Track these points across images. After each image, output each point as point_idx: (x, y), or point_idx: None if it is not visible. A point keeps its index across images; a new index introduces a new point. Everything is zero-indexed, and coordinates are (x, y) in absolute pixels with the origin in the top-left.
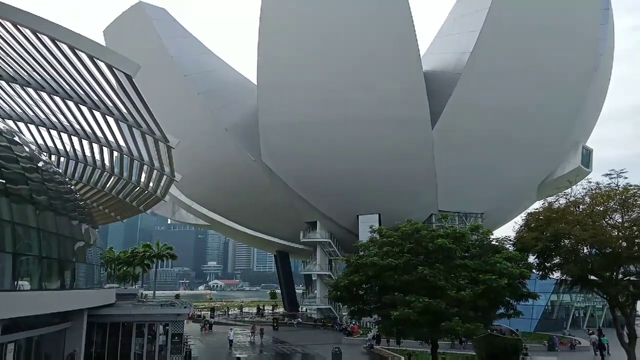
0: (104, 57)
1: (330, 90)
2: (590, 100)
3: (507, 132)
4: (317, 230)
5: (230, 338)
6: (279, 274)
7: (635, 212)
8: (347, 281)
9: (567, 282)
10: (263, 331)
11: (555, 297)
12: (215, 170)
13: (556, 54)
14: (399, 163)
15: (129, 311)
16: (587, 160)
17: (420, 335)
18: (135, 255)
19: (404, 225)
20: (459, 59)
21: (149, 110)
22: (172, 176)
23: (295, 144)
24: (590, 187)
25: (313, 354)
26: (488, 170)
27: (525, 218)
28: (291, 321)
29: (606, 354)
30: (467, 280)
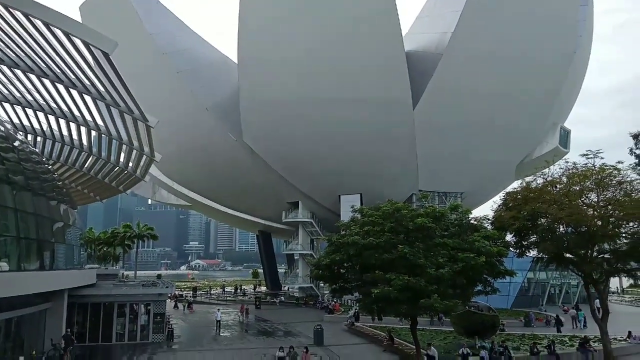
0: (79, 34)
1: (311, 70)
2: (569, 82)
3: (487, 114)
4: (299, 210)
5: (218, 318)
6: (261, 253)
7: (610, 191)
8: (328, 260)
9: (543, 260)
10: (248, 310)
11: (531, 274)
12: (196, 151)
13: (536, 36)
14: (380, 143)
15: (110, 291)
16: (565, 141)
17: (400, 312)
18: (116, 236)
19: (385, 205)
20: (441, 40)
21: (127, 88)
22: (151, 156)
23: (277, 124)
24: (567, 167)
25: (295, 332)
26: (468, 151)
27: (503, 197)
28: (273, 300)
29: (582, 326)
30: (446, 259)
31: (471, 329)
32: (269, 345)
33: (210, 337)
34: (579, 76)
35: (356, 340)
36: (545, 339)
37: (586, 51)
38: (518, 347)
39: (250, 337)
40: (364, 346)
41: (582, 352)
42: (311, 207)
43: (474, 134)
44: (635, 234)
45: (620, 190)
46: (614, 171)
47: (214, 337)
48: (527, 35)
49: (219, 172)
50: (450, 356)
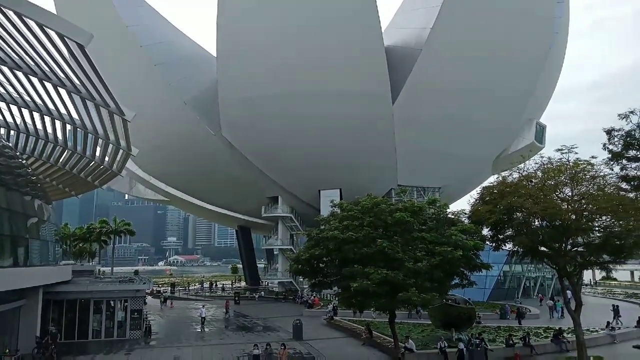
0: (54, 25)
1: (291, 64)
2: (545, 78)
3: (465, 109)
4: (278, 205)
5: (203, 315)
6: (240, 248)
7: (584, 185)
8: (308, 255)
9: (519, 253)
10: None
11: (507, 267)
12: (174, 145)
13: (513, 32)
14: (359, 138)
15: (86, 288)
16: (541, 136)
17: (379, 306)
18: (92, 232)
19: (364, 199)
20: (420, 35)
21: (102, 81)
22: (128, 150)
23: (256, 117)
24: (543, 162)
25: (274, 327)
26: (446, 146)
27: (480, 192)
28: (252, 295)
29: (559, 316)
30: (423, 252)
31: (448, 322)
32: (248, 340)
33: (188, 333)
34: (554, 72)
35: (335, 334)
36: (520, 331)
37: (562, 47)
38: (494, 339)
39: (229, 333)
40: (343, 340)
41: (555, 343)
42: (291, 202)
43: (452, 129)
44: (608, 227)
45: (593, 185)
46: (588, 166)
47: (199, 334)
48: (504, 31)
49: (197, 166)
50: (428, 349)
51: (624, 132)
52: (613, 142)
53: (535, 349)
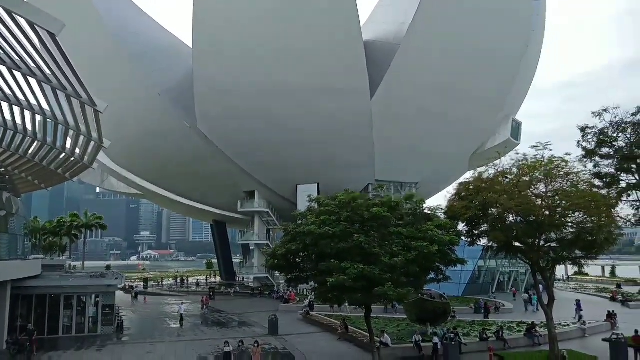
0: (24, 13)
1: (268, 57)
2: (521, 75)
3: (442, 105)
4: (255, 200)
5: (182, 312)
6: (215, 243)
7: (558, 182)
8: (284, 250)
9: (493, 249)
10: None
11: (482, 262)
12: (148, 137)
13: (491, 29)
14: (337, 133)
15: (56, 282)
16: (516, 133)
17: (355, 301)
18: (62, 225)
19: (342, 194)
20: (399, 30)
21: (74, 71)
22: (100, 142)
23: (233, 111)
24: (518, 158)
25: (250, 322)
26: (423, 142)
27: (456, 188)
28: (228, 290)
29: (535, 309)
30: (400, 247)
31: (424, 316)
32: (223, 336)
33: (162, 329)
34: (530, 70)
35: (311, 329)
36: (494, 325)
37: (538, 45)
38: (468, 333)
39: (204, 328)
40: (318, 335)
41: (528, 337)
42: (268, 197)
43: (430, 125)
44: (581, 223)
45: (567, 182)
46: (562, 163)
47: (173, 330)
48: (481, 28)
49: (172, 160)
50: (403, 343)
51: (598, 129)
52: (587, 139)
53: (509, 343)
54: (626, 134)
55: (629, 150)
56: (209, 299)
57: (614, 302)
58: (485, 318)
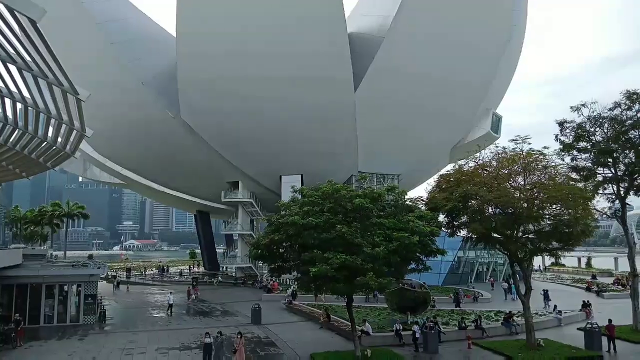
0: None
1: (252, 47)
2: (502, 69)
3: (425, 98)
4: (239, 190)
5: (170, 302)
6: (199, 233)
7: (536, 175)
8: (268, 240)
9: (473, 240)
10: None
11: (461, 253)
12: (131, 127)
13: (474, 23)
14: (321, 124)
15: (37, 272)
16: (497, 126)
17: (337, 290)
18: (44, 214)
19: (325, 185)
20: (383, 23)
21: (55, 59)
22: (82, 131)
23: (217, 101)
24: (497, 151)
25: (233, 311)
26: (406, 134)
27: (437, 180)
28: (211, 280)
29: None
30: (381, 238)
31: (404, 306)
32: (206, 325)
33: (144, 318)
34: (511, 64)
35: (294, 318)
36: (472, 314)
37: (519, 40)
38: (447, 322)
39: (187, 318)
40: (301, 324)
41: (506, 326)
42: (251, 187)
43: (412, 118)
44: (558, 215)
45: (545, 175)
46: (540, 156)
47: (156, 319)
48: (463, 22)
49: (155, 149)
50: (384, 331)
51: (576, 124)
52: (565, 133)
53: (487, 331)
54: (603, 129)
55: (605, 144)
56: (197, 289)
57: (589, 293)
58: (456, 307)
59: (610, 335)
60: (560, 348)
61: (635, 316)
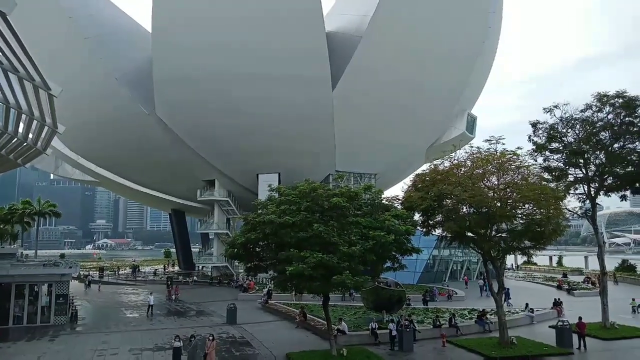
0: None
1: (229, 44)
2: (477, 70)
3: (401, 98)
4: (215, 189)
5: (151, 303)
6: (174, 232)
7: (510, 175)
8: (244, 239)
9: (447, 238)
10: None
11: (436, 251)
12: (105, 123)
13: (450, 25)
14: (299, 123)
15: (7, 271)
16: (471, 127)
17: (313, 289)
18: (14, 213)
19: (302, 184)
20: (361, 22)
21: (27, 53)
22: (54, 127)
23: (193, 98)
24: (472, 151)
25: (208, 311)
26: (382, 134)
27: (413, 179)
28: (186, 280)
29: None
30: (358, 237)
31: (380, 304)
32: (180, 325)
33: (117, 319)
34: (486, 65)
35: (270, 317)
36: (447, 313)
37: (494, 42)
38: (422, 320)
39: (161, 318)
40: (277, 323)
41: (479, 324)
42: (228, 186)
43: (389, 117)
44: (530, 215)
45: (518, 175)
46: (513, 156)
47: (130, 320)
48: (440, 23)
49: (129, 147)
50: (360, 330)
51: (548, 125)
52: (537, 134)
53: (460, 329)
54: (575, 130)
55: (577, 145)
56: (178, 289)
57: (560, 291)
58: (424, 305)
59: (580, 333)
60: (533, 345)
61: (604, 313)
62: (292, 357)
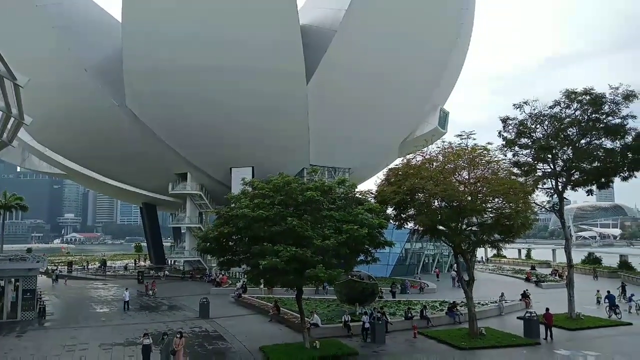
0: None
1: (202, 36)
2: (449, 67)
3: (375, 93)
4: (187, 182)
5: (126, 299)
6: (145, 226)
7: (480, 169)
8: (217, 233)
9: (419, 232)
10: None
11: (408, 245)
12: (74, 115)
13: (423, 21)
14: (273, 117)
15: None
16: (443, 122)
17: (287, 283)
18: None
19: (276, 178)
20: (335, 16)
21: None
22: (20, 119)
23: (164, 90)
24: (444, 146)
25: (180, 305)
26: (356, 129)
27: (386, 173)
28: (157, 274)
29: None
30: (332, 230)
31: (353, 297)
32: (152, 320)
33: (87, 314)
34: (459, 62)
35: (243, 311)
36: (418, 305)
37: (466, 39)
38: (394, 312)
39: (132, 313)
40: (250, 317)
41: (450, 316)
42: (201, 179)
43: (363, 111)
44: (500, 209)
45: (488, 169)
46: (484, 151)
47: (99, 314)
48: (414, 19)
49: (98, 139)
50: (333, 323)
51: (517, 121)
52: (507, 130)
53: (431, 321)
54: (543, 126)
55: (545, 141)
56: (155, 284)
57: (528, 283)
58: (393, 298)
59: (547, 324)
60: (501, 336)
61: (570, 304)
62: (265, 350)
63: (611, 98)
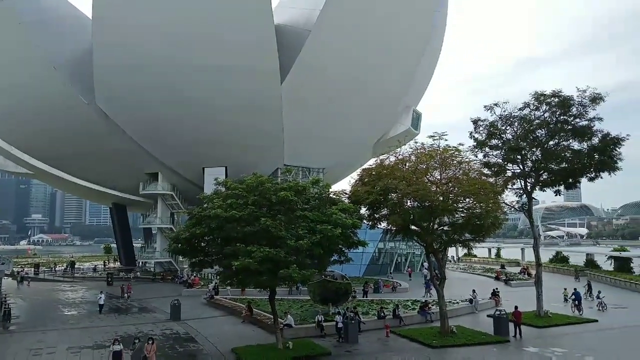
0: None
1: (174, 32)
2: (423, 67)
3: (349, 92)
4: (158, 182)
5: (101, 302)
6: (115, 227)
7: (452, 170)
8: (188, 234)
9: (392, 231)
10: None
11: (381, 244)
12: (40, 113)
13: (396, 22)
14: (247, 116)
15: None
16: (416, 123)
17: (260, 283)
18: None
19: (250, 178)
20: (310, 16)
21: None
22: None
23: (136, 88)
24: (417, 147)
25: (151, 307)
26: (330, 129)
27: (359, 173)
28: (127, 276)
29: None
30: (305, 230)
31: (326, 297)
32: (122, 323)
33: (54, 316)
34: (431, 63)
35: (215, 313)
36: (391, 304)
37: (439, 40)
38: (367, 312)
39: (101, 315)
40: (222, 318)
41: (422, 314)
42: (172, 179)
43: (337, 112)
44: (470, 209)
45: (459, 170)
46: (455, 152)
47: (67, 317)
48: (386, 21)
49: (67, 137)
50: (306, 323)
51: (488, 122)
52: (478, 131)
53: (404, 320)
54: (513, 127)
55: (514, 142)
56: (131, 287)
57: (498, 281)
58: (364, 297)
59: (516, 322)
60: (472, 334)
61: (538, 302)
62: (237, 351)
63: (579, 100)
